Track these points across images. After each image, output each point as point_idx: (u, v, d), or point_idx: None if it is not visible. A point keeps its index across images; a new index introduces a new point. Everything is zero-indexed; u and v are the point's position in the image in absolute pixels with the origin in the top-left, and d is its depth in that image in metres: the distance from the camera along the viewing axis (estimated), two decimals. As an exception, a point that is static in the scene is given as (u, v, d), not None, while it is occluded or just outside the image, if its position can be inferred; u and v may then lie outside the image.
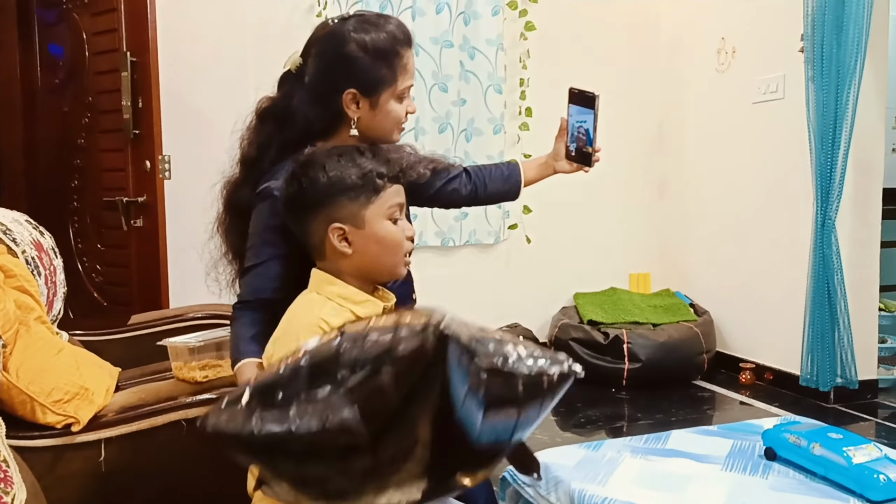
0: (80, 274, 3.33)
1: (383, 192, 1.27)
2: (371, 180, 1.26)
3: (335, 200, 1.25)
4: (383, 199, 1.27)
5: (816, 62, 3.05)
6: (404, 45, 1.46)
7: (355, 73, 1.42)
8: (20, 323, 1.49)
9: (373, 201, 1.26)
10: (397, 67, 1.44)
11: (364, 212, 1.26)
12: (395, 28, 1.46)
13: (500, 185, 1.77)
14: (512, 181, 1.78)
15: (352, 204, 1.25)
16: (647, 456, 1.56)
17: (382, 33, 1.43)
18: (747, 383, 3.60)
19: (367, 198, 1.26)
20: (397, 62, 1.44)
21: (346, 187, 1.25)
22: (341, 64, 1.43)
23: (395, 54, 1.44)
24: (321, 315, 1.20)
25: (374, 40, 1.42)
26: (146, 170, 3.00)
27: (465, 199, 1.76)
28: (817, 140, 3.09)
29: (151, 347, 1.97)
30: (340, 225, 1.26)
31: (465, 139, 3.86)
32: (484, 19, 3.80)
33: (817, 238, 3.12)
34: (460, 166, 1.76)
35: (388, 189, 1.28)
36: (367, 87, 1.43)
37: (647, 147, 4.29)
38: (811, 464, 1.45)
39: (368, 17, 1.47)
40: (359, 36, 1.42)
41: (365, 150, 1.31)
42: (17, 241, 1.83)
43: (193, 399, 1.54)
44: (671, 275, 4.25)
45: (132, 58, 2.97)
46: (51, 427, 1.44)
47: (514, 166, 1.80)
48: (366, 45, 1.42)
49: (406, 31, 1.48)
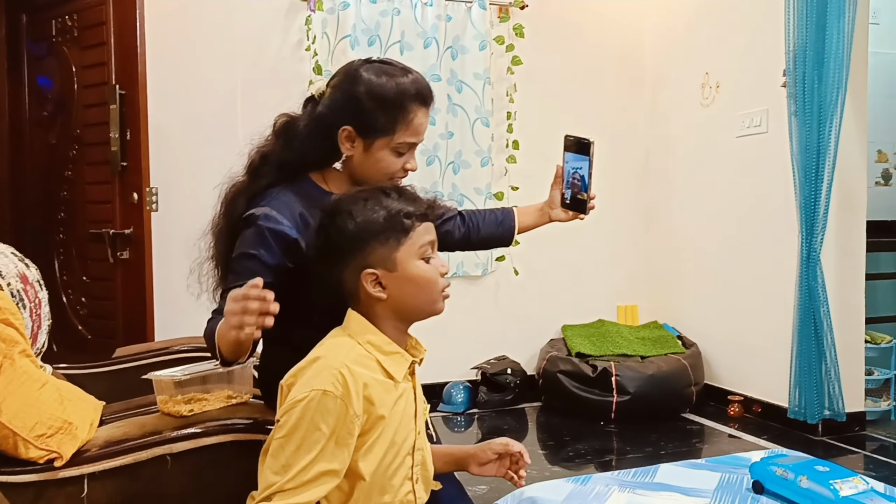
0: (65, 306, 3.30)
1: (412, 231, 1.25)
2: (399, 221, 1.24)
3: (365, 246, 1.23)
4: (413, 239, 1.25)
5: (799, 97, 3.11)
6: (414, 101, 1.45)
7: (355, 112, 1.44)
8: (4, 356, 1.47)
9: (403, 242, 1.24)
10: (398, 120, 1.44)
11: (395, 254, 1.23)
12: (410, 83, 1.46)
13: (493, 229, 1.79)
14: (505, 227, 1.79)
15: (382, 248, 1.23)
16: (635, 490, 1.55)
17: (392, 82, 1.44)
18: (736, 416, 3.60)
19: (398, 239, 1.23)
20: (399, 115, 1.44)
21: (374, 231, 1.23)
22: (347, 101, 1.45)
23: (398, 106, 1.44)
24: (346, 362, 1.18)
25: (382, 86, 1.43)
26: (133, 202, 3.00)
27: (458, 242, 1.78)
28: (801, 173, 3.13)
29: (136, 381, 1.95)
30: (373, 270, 1.23)
31: (453, 171, 3.89)
32: (471, 54, 3.85)
33: (803, 271, 3.15)
34: (456, 209, 1.78)
35: (418, 228, 1.25)
36: (363, 129, 1.45)
37: (634, 180, 4.33)
38: (798, 497, 1.44)
39: (391, 65, 1.48)
40: (369, 78, 1.44)
41: (390, 190, 1.29)
42: (3, 273, 1.81)
43: (179, 433, 1.52)
44: (659, 307, 4.27)
45: (121, 91, 2.98)
46: (33, 462, 1.41)
47: (508, 211, 1.81)
48: (372, 89, 1.43)
49: (422, 89, 1.47)
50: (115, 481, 1.45)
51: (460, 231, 1.76)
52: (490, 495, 2.54)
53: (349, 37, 3.64)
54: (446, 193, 3.86)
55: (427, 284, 1.26)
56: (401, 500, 1.24)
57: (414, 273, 1.25)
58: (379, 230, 1.23)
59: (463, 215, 1.79)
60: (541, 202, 1.79)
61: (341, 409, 1.14)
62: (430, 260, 1.28)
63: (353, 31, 3.65)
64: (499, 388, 3.86)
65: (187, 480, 1.50)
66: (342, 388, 1.14)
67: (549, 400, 3.84)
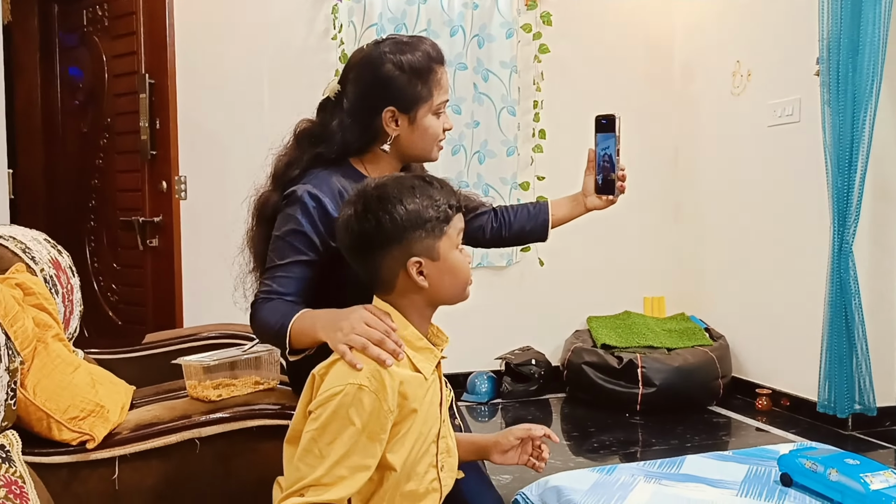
0: (96, 293, 3.36)
1: (452, 221, 1.27)
2: (444, 211, 1.25)
3: (413, 234, 1.23)
4: (452, 228, 1.27)
5: (832, 85, 3.05)
6: (437, 62, 1.51)
7: (393, 91, 1.47)
8: (38, 340, 1.50)
9: (446, 232, 1.25)
10: (432, 83, 1.49)
11: (438, 244, 1.25)
12: (429, 47, 1.51)
13: (526, 223, 1.77)
14: (539, 220, 1.77)
15: (428, 237, 1.24)
16: (661, 480, 1.54)
17: (417, 52, 1.48)
18: (763, 409, 3.56)
19: (442, 229, 1.25)
20: (432, 78, 1.49)
21: (424, 220, 1.23)
22: (379, 84, 1.47)
23: (429, 71, 1.49)
24: None
25: (410, 59, 1.47)
26: (162, 190, 3.04)
27: (491, 238, 1.77)
28: (834, 164, 3.08)
29: (166, 366, 1.98)
30: (418, 259, 1.23)
31: (479, 161, 3.88)
32: (498, 42, 3.83)
33: (834, 263, 3.10)
34: (490, 205, 1.78)
35: (455, 218, 1.28)
36: (405, 104, 1.48)
37: (663, 169, 4.29)
38: (828, 490, 1.43)
39: (401, 38, 1.52)
40: (394, 56, 1.47)
41: (432, 179, 1.30)
42: (36, 259, 1.85)
43: (207, 418, 1.54)
44: (686, 299, 4.23)
45: (150, 80, 3.02)
46: (66, 444, 1.44)
47: (541, 205, 1.79)
48: (402, 64, 1.46)
49: (438, 49, 1.53)
50: (146, 464, 1.48)
51: (493, 226, 1.76)
52: (514, 485, 2.54)
53: (375, 25, 3.64)
54: (471, 183, 3.85)
55: (463, 273, 1.29)
56: (426, 488, 1.25)
57: (453, 262, 1.27)
58: (428, 219, 1.24)
59: (496, 211, 1.78)
60: (575, 193, 1.76)
61: (375, 405, 1.14)
62: (462, 250, 1.30)
63: (380, 20, 3.65)
64: (523, 379, 3.86)
65: (216, 464, 1.52)
66: (377, 382, 1.15)
67: (574, 391, 3.83)
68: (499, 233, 1.77)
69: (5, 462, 1.22)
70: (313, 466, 1.13)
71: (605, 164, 1.65)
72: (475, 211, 1.73)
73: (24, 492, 1.20)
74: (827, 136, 3.10)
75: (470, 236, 1.73)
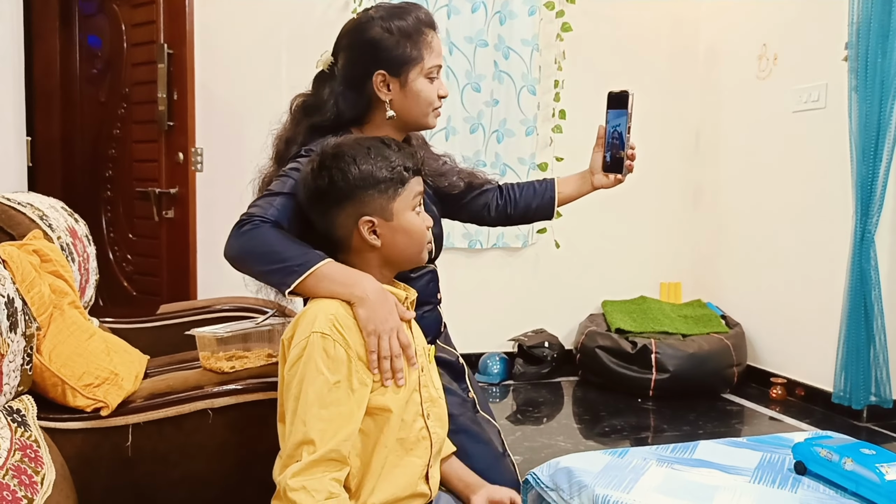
0: (112, 262, 3.38)
1: (408, 183, 1.29)
2: (399, 173, 1.27)
3: (365, 193, 1.26)
4: (408, 190, 1.29)
5: (860, 71, 2.99)
6: (427, 26, 1.49)
7: (381, 53, 1.45)
8: (54, 307, 1.51)
9: (400, 193, 1.28)
10: (422, 45, 1.47)
11: (392, 204, 1.27)
12: (420, 12, 1.50)
13: (532, 200, 1.73)
14: (545, 198, 1.73)
15: (381, 197, 1.26)
16: (673, 465, 1.53)
17: (407, 16, 1.47)
18: (778, 398, 3.54)
19: (395, 190, 1.27)
20: (422, 40, 1.47)
21: (377, 181, 1.26)
22: (368, 47, 1.46)
23: (419, 32, 1.47)
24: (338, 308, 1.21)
25: (399, 23, 1.46)
26: (179, 161, 3.04)
27: (496, 217, 1.74)
28: (859, 152, 3.02)
29: (179, 337, 1.99)
30: (370, 217, 1.26)
31: (497, 140, 3.84)
32: (520, 19, 3.78)
33: (855, 252, 3.06)
34: (495, 182, 1.75)
35: (412, 180, 1.30)
36: (394, 66, 1.46)
37: (683, 154, 4.24)
38: (842, 479, 1.41)
39: (392, 4, 1.51)
40: (383, 21, 1.46)
41: (391, 142, 1.32)
42: (54, 226, 1.85)
43: (220, 389, 1.55)
44: (703, 285, 4.20)
45: (169, 50, 3.00)
46: (80, 410, 1.45)
47: (547, 182, 1.75)
48: (390, 27, 1.46)
49: (428, 13, 1.51)
50: (159, 432, 1.49)
51: (498, 204, 1.73)
52: (524, 466, 2.54)
53: None
54: (489, 163, 3.82)
55: (418, 235, 1.31)
56: (416, 436, 1.27)
57: (407, 224, 1.29)
58: (381, 179, 1.26)
59: (501, 188, 1.75)
60: (581, 171, 1.72)
61: (340, 352, 1.17)
62: (419, 213, 1.32)
63: (401, -5, 3.60)
64: (535, 361, 3.85)
65: (227, 434, 1.53)
66: (337, 332, 1.17)
67: (587, 375, 3.82)
68: (504, 210, 1.74)
69: (21, 426, 1.23)
70: (301, 429, 1.14)
71: (615, 140, 1.59)
72: (480, 188, 1.70)
73: (39, 455, 1.21)
74: (853, 123, 3.04)
75: (475, 214, 1.73)
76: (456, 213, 1.72)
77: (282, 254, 1.27)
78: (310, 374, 1.16)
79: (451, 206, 1.68)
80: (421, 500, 1.28)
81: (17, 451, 1.15)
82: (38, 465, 1.18)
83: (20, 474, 1.12)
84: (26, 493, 1.10)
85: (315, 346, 1.16)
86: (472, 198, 1.70)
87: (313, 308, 1.22)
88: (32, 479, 1.14)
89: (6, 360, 1.20)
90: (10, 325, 1.20)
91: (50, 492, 1.17)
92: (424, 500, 1.29)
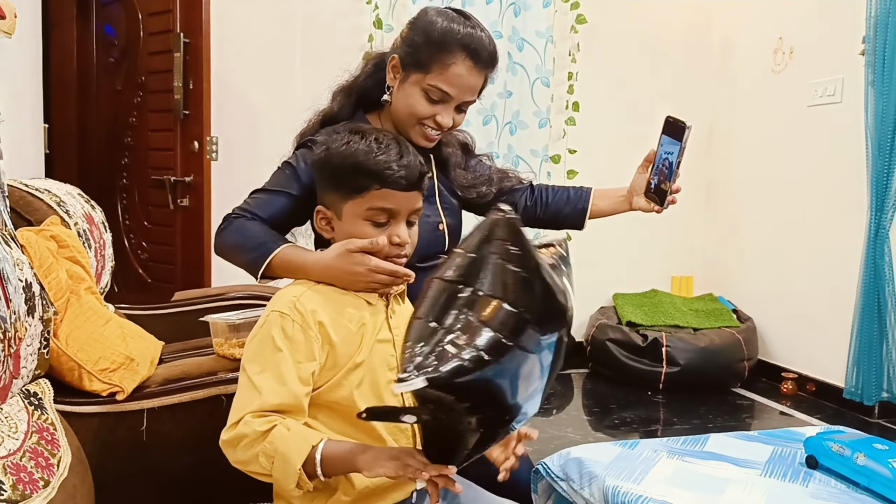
0: (127, 250, 3.40)
1: (367, 192, 1.19)
2: (354, 178, 1.19)
3: (324, 183, 1.25)
4: (365, 199, 1.19)
5: (878, 66, 2.96)
6: (459, 48, 1.40)
7: (405, 43, 1.45)
8: (71, 292, 1.53)
9: (353, 198, 1.20)
10: (435, 59, 1.41)
11: (343, 205, 1.22)
12: (464, 30, 1.41)
13: (563, 206, 1.68)
14: (577, 207, 1.67)
15: (333, 193, 1.23)
16: (684, 457, 1.53)
17: (445, 24, 1.42)
18: (788, 393, 3.53)
19: (348, 193, 1.20)
20: (438, 55, 1.41)
21: (330, 174, 1.23)
22: (405, 32, 1.47)
23: (439, 45, 1.41)
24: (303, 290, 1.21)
25: (433, 23, 1.43)
26: (194, 150, 3.05)
27: (526, 214, 1.68)
28: (874, 147, 3.00)
29: (193, 324, 2.00)
30: (323, 209, 1.26)
31: (510, 132, 3.84)
32: (534, 10, 3.76)
33: (870, 248, 3.04)
34: (528, 181, 1.70)
35: (374, 191, 1.19)
36: (405, 60, 1.45)
37: (697, 147, 4.20)
38: (854, 474, 1.41)
39: (460, 14, 1.46)
40: (429, 15, 1.45)
41: (384, 139, 1.22)
42: (71, 213, 1.87)
43: (234, 375, 1.56)
44: (715, 279, 4.18)
45: (185, 39, 3.01)
46: (96, 395, 1.47)
47: (583, 191, 1.69)
48: (425, 24, 1.44)
49: (476, 41, 1.41)
50: (173, 417, 1.50)
51: (526, 204, 1.67)
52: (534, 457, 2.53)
53: (414, -12, 3.59)
54: (501, 154, 3.82)
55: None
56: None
57: (352, 231, 1.22)
58: (334, 174, 1.22)
59: (533, 188, 1.70)
60: (622, 187, 1.66)
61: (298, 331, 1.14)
62: (381, 226, 1.22)
63: (416, -14, 3.60)
64: (546, 352, 3.85)
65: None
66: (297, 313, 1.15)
67: (597, 367, 3.82)
68: (532, 211, 1.68)
69: (38, 409, 1.24)
70: (251, 399, 1.11)
71: (664, 168, 1.54)
72: (511, 192, 1.66)
73: (55, 438, 1.22)
74: (869, 117, 3.02)
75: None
76: (480, 211, 1.67)
77: (246, 245, 1.32)
78: (265, 346, 1.14)
79: (480, 207, 1.65)
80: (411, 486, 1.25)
81: (34, 434, 1.17)
82: (54, 448, 1.20)
83: (37, 456, 1.13)
84: (43, 474, 1.12)
85: (273, 323, 1.15)
86: (502, 195, 1.66)
87: (281, 291, 1.23)
88: (49, 462, 1.16)
89: (24, 344, 1.22)
90: (28, 309, 1.22)
91: (66, 474, 1.19)
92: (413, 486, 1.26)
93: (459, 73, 1.41)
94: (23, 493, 1.03)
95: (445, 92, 1.42)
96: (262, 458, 1.08)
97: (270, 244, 1.29)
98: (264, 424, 1.09)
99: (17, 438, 1.11)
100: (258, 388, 1.12)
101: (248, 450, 1.09)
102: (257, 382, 1.12)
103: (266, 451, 1.07)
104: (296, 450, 1.06)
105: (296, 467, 1.06)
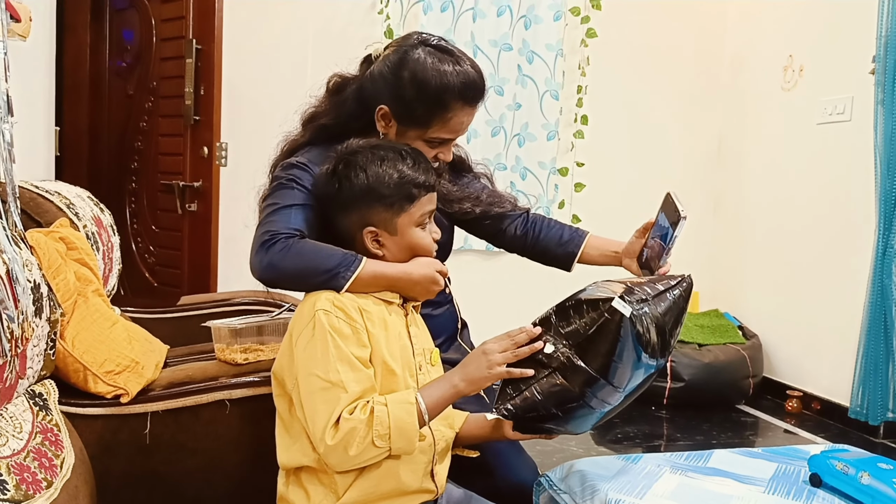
0: (134, 253, 3.42)
1: (417, 201, 1.28)
2: (407, 190, 1.27)
3: (371, 204, 1.27)
4: (416, 207, 1.28)
5: (888, 85, 2.96)
6: (456, 99, 1.40)
7: (395, 95, 1.41)
8: (78, 294, 1.53)
9: (406, 209, 1.27)
10: (435, 115, 1.40)
11: (397, 219, 1.28)
12: (457, 78, 1.39)
13: (554, 245, 1.66)
14: (567, 249, 1.65)
15: (386, 211, 1.27)
16: (687, 472, 1.53)
17: (438, 75, 1.38)
18: (793, 411, 3.51)
19: (402, 206, 1.27)
20: (438, 111, 1.40)
21: (382, 194, 1.26)
22: (390, 80, 1.41)
23: (437, 102, 1.39)
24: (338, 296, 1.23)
25: (425, 77, 1.38)
26: (203, 156, 3.07)
27: (511, 241, 1.68)
28: (883, 166, 2.99)
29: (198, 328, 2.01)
30: (374, 229, 1.28)
31: (518, 144, 3.85)
32: (545, 24, 3.78)
33: (877, 267, 3.02)
34: (525, 210, 1.68)
35: (423, 198, 1.29)
36: (399, 114, 1.42)
37: (705, 162, 4.21)
38: (858, 493, 1.40)
39: (446, 52, 1.42)
40: (417, 62, 1.39)
41: (407, 154, 1.30)
42: (80, 215, 1.88)
43: (238, 380, 1.57)
44: (721, 295, 4.17)
45: (197, 46, 3.04)
46: (101, 397, 1.47)
47: (577, 234, 1.67)
48: (416, 76, 1.38)
49: (469, 86, 1.40)
50: (176, 420, 1.50)
51: (516, 232, 1.66)
52: (536, 469, 2.54)
53: (422, 2, 3.61)
54: (509, 166, 3.82)
55: (422, 251, 1.32)
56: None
57: (411, 240, 1.30)
58: (386, 194, 1.26)
59: (528, 217, 1.68)
60: (618, 241, 1.65)
61: (345, 324, 1.19)
62: (426, 227, 1.32)
63: (427, -3, 3.62)
64: (550, 365, 3.84)
65: (244, 425, 1.54)
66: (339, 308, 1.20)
67: (601, 380, 3.80)
68: (521, 241, 1.67)
69: (42, 409, 1.25)
70: (338, 397, 1.15)
71: (655, 244, 1.56)
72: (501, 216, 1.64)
73: (59, 439, 1.23)
74: (878, 136, 3.02)
75: (492, 231, 1.67)
76: (467, 228, 1.68)
77: (319, 262, 1.24)
78: (323, 345, 1.17)
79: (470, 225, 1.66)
80: (427, 495, 1.29)
81: (38, 434, 1.17)
82: (58, 449, 1.20)
83: (41, 457, 1.14)
84: (46, 475, 1.12)
85: (321, 321, 1.18)
86: (495, 217, 1.65)
87: (311, 296, 1.24)
88: (52, 463, 1.16)
89: (30, 344, 1.22)
90: (36, 309, 1.22)
91: (69, 475, 1.19)
92: (431, 495, 1.29)
93: (461, 121, 1.44)
94: (25, 493, 1.03)
95: (448, 138, 1.46)
96: (377, 441, 1.14)
97: (349, 257, 1.26)
98: (363, 412, 1.15)
99: (21, 438, 1.12)
100: (338, 384, 1.16)
101: (363, 443, 1.14)
102: (335, 380, 1.16)
103: (379, 434, 1.14)
104: (405, 417, 1.16)
105: (415, 430, 1.17)
